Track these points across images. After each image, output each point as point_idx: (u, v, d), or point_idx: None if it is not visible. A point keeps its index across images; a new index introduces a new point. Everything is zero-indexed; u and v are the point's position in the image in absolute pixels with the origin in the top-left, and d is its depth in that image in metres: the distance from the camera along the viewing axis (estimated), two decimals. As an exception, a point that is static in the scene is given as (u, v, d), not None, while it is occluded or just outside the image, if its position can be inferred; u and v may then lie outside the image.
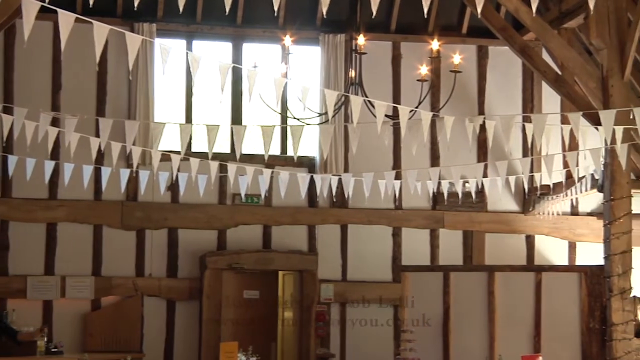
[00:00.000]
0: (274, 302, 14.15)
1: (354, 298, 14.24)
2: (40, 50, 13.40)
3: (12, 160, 9.88)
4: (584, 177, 12.42)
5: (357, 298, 14.22)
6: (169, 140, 11.49)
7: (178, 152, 9.32)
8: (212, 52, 14.27)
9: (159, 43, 6.73)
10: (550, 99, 14.34)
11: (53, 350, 12.52)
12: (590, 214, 14.74)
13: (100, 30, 5.89)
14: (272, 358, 13.94)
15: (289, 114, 11.23)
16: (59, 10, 5.61)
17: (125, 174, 10.35)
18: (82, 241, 13.56)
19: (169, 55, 6.64)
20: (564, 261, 14.76)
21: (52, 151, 9.48)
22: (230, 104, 14.08)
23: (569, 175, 12.79)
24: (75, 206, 13.43)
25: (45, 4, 5.57)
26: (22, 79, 13.48)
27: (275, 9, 6.01)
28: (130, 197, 13.58)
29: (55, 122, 9.16)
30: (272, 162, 13.00)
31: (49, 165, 9.83)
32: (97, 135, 8.78)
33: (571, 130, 8.68)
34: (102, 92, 13.72)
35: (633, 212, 11.63)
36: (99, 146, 8.79)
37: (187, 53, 7.10)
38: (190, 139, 9.28)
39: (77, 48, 10.26)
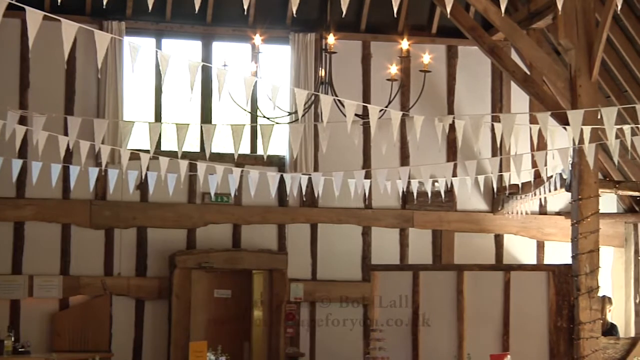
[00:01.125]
0: (247, 302, 14.13)
1: (323, 297, 14.25)
2: (7, 47, 13.33)
3: (-21, 158, 9.81)
4: (552, 176, 12.49)
5: (326, 297, 14.24)
6: (138, 139, 11.45)
7: (147, 151, 9.27)
8: (182, 51, 14.23)
9: (128, 41, 6.72)
10: (519, 98, 14.43)
11: (20, 350, 12.46)
12: (558, 214, 14.85)
13: (69, 28, 5.85)
14: (245, 358, 13.93)
15: (258, 113, 11.23)
16: (26, 7, 5.57)
17: (94, 172, 10.30)
18: (50, 240, 13.49)
19: (138, 54, 6.61)
20: (532, 260, 14.85)
21: (19, 150, 9.42)
22: (200, 102, 14.05)
23: (537, 175, 12.87)
24: (43, 205, 13.36)
25: (13, 2, 5.53)
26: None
27: (245, 7, 6.00)
28: (99, 196, 13.52)
29: (23, 121, 9.11)
30: (241, 161, 13.01)
31: (17, 164, 9.76)
32: (66, 133, 8.74)
33: (540, 130, 8.73)
34: (70, 91, 13.65)
35: (600, 211, 11.73)
36: (68, 145, 8.75)
37: (156, 51, 7.08)
38: (160, 137, 9.26)
39: (45, 46, 10.19)
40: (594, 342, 11.38)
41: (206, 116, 14.03)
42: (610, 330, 13.02)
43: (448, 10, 6.25)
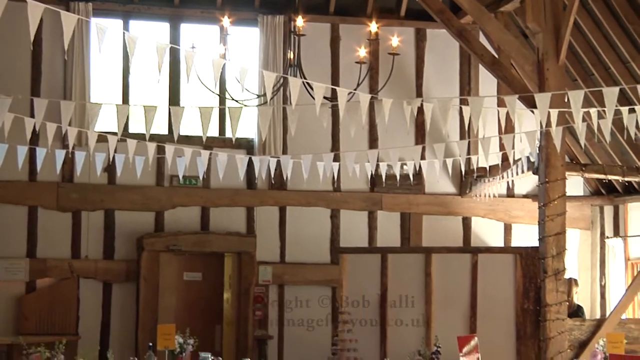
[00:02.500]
0: (219, 284, 14.13)
1: (292, 280, 14.29)
2: (-27, 28, 13.22)
3: (-57, 140, 9.74)
4: (519, 159, 12.55)
5: (295, 280, 14.28)
6: (106, 121, 11.41)
7: (115, 133, 9.22)
8: (150, 33, 14.16)
9: (95, 23, 6.66)
10: (486, 81, 14.49)
11: (-14, 333, 12.41)
12: (525, 196, 14.95)
13: (35, 9, 5.80)
14: (217, 340, 13.93)
15: (227, 96, 11.20)
16: (-8, -12, 5.52)
17: (60, 155, 10.24)
18: (17, 223, 13.42)
19: (105, 35, 6.57)
20: (499, 243, 14.95)
21: (-15, 131, 9.38)
22: (167, 84, 14.00)
23: (505, 158, 12.93)
24: (9, 187, 13.27)
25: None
26: (-45, 57, 13.29)
27: (214, -11, 5.98)
28: (66, 179, 13.46)
29: (-12, 102, 9.03)
30: (210, 144, 12.97)
31: (-18, 146, 9.70)
32: (32, 115, 8.67)
33: (507, 113, 8.77)
34: (37, 72, 13.55)
35: (567, 194, 11.82)
36: (34, 126, 8.68)
37: (123, 33, 7.04)
38: (127, 120, 9.22)
39: (11, 27, 10.13)
40: (560, 324, 11.49)
41: (174, 98, 13.98)
42: (576, 312, 13.15)
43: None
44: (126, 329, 13.51)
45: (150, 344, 10.77)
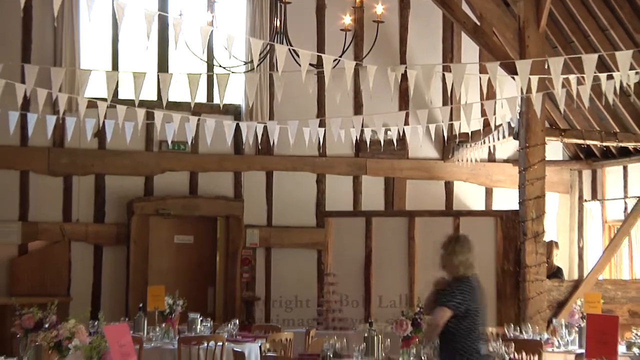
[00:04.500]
0: (211, 247, 14.15)
1: (278, 243, 14.34)
2: (-36, -4, 13.11)
3: (-63, 106, 9.71)
4: (500, 125, 12.59)
5: (282, 243, 14.33)
6: (96, 88, 11.35)
7: (104, 99, 9.21)
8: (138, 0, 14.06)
9: (85, -10, 6.63)
10: (469, 49, 14.48)
11: (-20, 294, 12.42)
12: (506, 161, 15.00)
13: (26, -23, 5.78)
14: (210, 302, 13.98)
15: (215, 62, 11.17)
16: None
17: (51, 120, 10.22)
18: (9, 187, 13.40)
19: (94, 2, 6.56)
20: (481, 206, 15.01)
21: (-23, 97, 9.35)
22: (156, 51, 13.95)
23: (486, 124, 12.97)
24: (0, 152, 13.22)
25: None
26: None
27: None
28: (57, 144, 13.42)
29: (-21, 69, 9.00)
30: (198, 110, 12.94)
31: (-25, 112, 9.69)
32: (23, 81, 8.65)
33: (489, 80, 8.79)
34: (27, 39, 13.47)
35: (547, 159, 11.89)
36: (25, 92, 8.67)
37: (112, 0, 7.02)
38: (117, 86, 9.20)
39: (2, -6, 10.05)
40: (539, 285, 11.59)
41: (163, 65, 13.93)
42: (556, 273, 13.23)
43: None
44: (117, 290, 13.55)
45: (141, 305, 10.81)
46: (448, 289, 7.79)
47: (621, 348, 7.84)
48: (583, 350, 8.36)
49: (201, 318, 10.82)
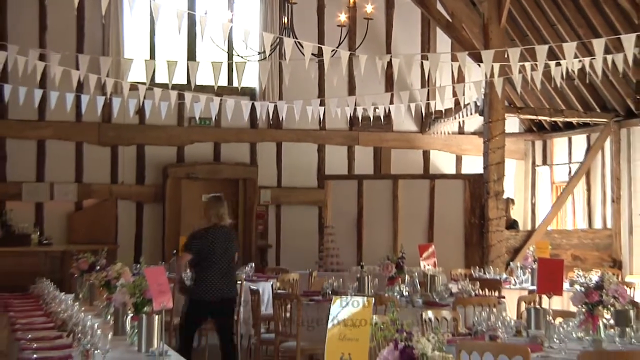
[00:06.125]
0: (234, 205, 14.11)
1: (286, 201, 14.36)
2: (27, -2, 13.05)
3: (7, 88, 9.66)
4: (468, 104, 12.58)
5: (289, 201, 14.35)
6: (136, 73, 11.29)
7: (144, 83, 9.21)
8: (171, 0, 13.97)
9: (127, -7, 6.60)
10: (442, 41, 14.41)
11: (44, 242, 12.46)
12: (473, 133, 14.97)
13: (78, -18, 5.74)
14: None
15: (234, 52, 11.13)
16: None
17: (100, 100, 10.20)
18: (67, 155, 13.39)
19: (135, 2, 6.52)
20: (452, 171, 15.01)
21: (40, 81, 9.30)
22: (186, 43, 13.88)
23: (457, 103, 12.95)
24: (60, 126, 13.22)
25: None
26: (14, 21, 13.10)
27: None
28: (105, 120, 13.39)
29: (42, 58, 8.96)
30: (220, 92, 12.86)
31: (38, 93, 9.62)
32: (77, 68, 8.63)
33: (459, 67, 8.76)
34: (80, 33, 13.41)
35: (506, 131, 11.88)
36: (79, 77, 8.64)
37: (150, 0, 6.98)
38: (154, 72, 9.15)
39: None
40: (499, 234, 11.65)
41: (191, 54, 13.86)
42: (513, 225, 13.28)
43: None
44: (155, 239, 13.59)
45: (174, 251, 10.85)
46: (195, 234, 8.00)
47: (565, 285, 7.87)
48: (535, 287, 8.42)
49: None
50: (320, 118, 11.39)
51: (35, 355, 4.92)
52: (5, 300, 8.14)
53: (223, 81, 13.85)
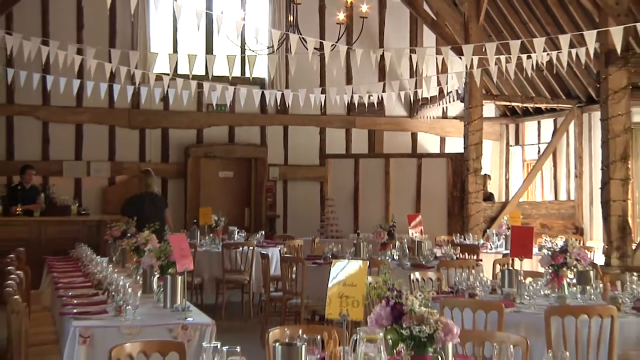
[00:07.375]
0: (247, 180, 14.12)
1: (292, 177, 14.35)
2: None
3: (49, 79, 9.64)
4: (451, 92, 12.54)
5: (295, 177, 14.34)
6: (161, 65, 11.27)
7: (167, 74, 9.17)
8: (191, 1, 13.88)
9: (153, -6, 6.56)
10: (428, 37, 14.32)
11: (82, 212, 12.48)
12: (455, 118, 14.91)
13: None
14: (247, 219, 14.02)
15: (246, 47, 11.08)
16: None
17: (130, 89, 10.17)
18: (101, 136, 13.37)
19: (159, 2, 6.48)
20: (436, 150, 14.99)
21: (77, 72, 9.26)
22: (204, 38, 13.81)
23: (441, 91, 12.91)
24: (95, 112, 13.19)
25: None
26: (55, 20, 13.04)
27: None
28: (135, 106, 13.32)
29: (80, 52, 8.94)
30: (234, 81, 12.78)
31: (76, 83, 9.59)
32: (110, 61, 8.59)
33: (443, 59, 8.72)
34: (112, 30, 13.34)
35: (483, 116, 11.85)
36: (111, 69, 8.61)
37: (173, 1, 6.94)
38: (176, 64, 9.11)
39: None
40: (477, 206, 11.66)
41: (209, 48, 13.81)
42: (489, 197, 13.29)
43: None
44: (178, 210, 13.56)
45: (195, 220, 10.88)
46: (129, 200, 9.56)
47: (535, 249, 7.89)
48: (508, 251, 8.44)
49: (238, 230, 10.89)
50: (321, 104, 11.34)
51: (75, 310, 4.96)
52: (49, 263, 8.18)
53: (237, 72, 13.71)
